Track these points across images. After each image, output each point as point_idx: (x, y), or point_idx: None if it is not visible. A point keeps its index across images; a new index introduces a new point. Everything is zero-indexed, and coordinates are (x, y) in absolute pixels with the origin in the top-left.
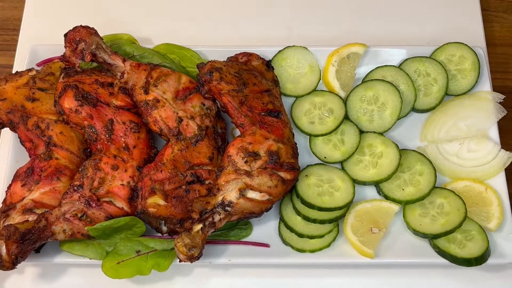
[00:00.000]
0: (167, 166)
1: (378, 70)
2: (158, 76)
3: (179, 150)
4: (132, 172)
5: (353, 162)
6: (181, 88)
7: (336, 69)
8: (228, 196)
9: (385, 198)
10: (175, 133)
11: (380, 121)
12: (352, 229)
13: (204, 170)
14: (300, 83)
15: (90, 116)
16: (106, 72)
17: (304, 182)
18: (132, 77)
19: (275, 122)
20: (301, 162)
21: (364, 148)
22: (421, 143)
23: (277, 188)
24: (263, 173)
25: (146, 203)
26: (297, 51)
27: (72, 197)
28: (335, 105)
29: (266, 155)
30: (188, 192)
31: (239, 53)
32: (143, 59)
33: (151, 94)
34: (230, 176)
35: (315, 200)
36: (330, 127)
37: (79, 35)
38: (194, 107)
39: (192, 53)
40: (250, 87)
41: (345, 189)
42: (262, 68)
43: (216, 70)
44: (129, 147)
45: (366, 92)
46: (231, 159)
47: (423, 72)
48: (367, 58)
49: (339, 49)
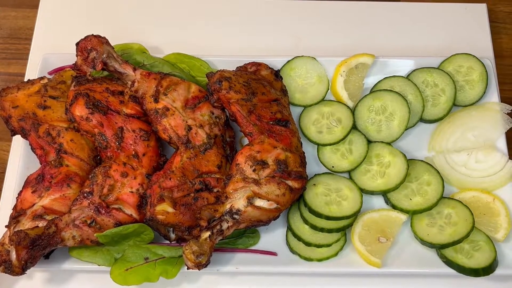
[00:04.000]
0: (176, 174)
1: (386, 80)
2: (168, 85)
3: (188, 158)
4: (141, 180)
5: (361, 171)
6: (190, 97)
7: (344, 79)
8: (236, 204)
9: (392, 207)
10: (184, 141)
11: (388, 131)
12: (359, 239)
13: (212, 178)
14: (308, 93)
15: (101, 124)
16: (116, 80)
17: (312, 191)
18: (142, 86)
19: (283, 131)
20: (309, 171)
21: (372, 158)
22: (428, 153)
23: (285, 196)
24: (271, 182)
25: (155, 210)
26: (305, 61)
27: (81, 203)
28: (343, 115)
29: (274, 163)
30: (196, 200)
31: (248, 63)
32: (153, 68)
33: (161, 102)
34: (238, 184)
35: (322, 209)
36: (338, 137)
37: (90, 44)
38: (203, 115)
39: (202, 62)
40: (259, 97)
41: (352, 199)
42: (270, 77)
43: (225, 79)
44: (138, 154)
45: (374, 102)
46: (239, 167)
47: (431, 83)
48: (375, 68)
49: (347, 60)
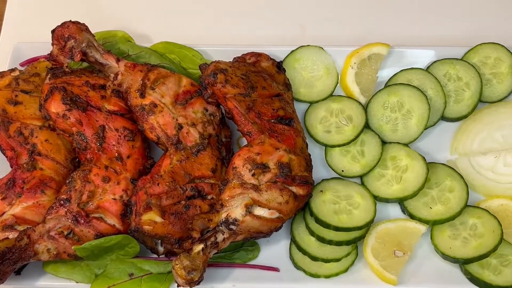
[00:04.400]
0: (165, 179)
1: (403, 73)
2: (156, 78)
3: (178, 161)
4: (126, 185)
5: (375, 176)
6: (181, 91)
7: (355, 72)
8: (233, 213)
9: (410, 217)
10: (174, 142)
11: (405, 130)
12: (372, 252)
13: (206, 184)
14: (315, 87)
15: (79, 122)
16: (97, 73)
17: (318, 198)
18: (126, 79)
19: (287, 131)
20: (315, 176)
21: (387, 161)
22: (451, 155)
23: (288, 204)
24: (273, 188)
25: (141, 220)
26: (312, 52)
27: (58, 212)
28: (354, 112)
29: (276, 167)
30: (188, 208)
31: (246, 53)
32: (139, 59)
33: (148, 98)
34: (236, 191)
35: (331, 218)
36: (349, 137)
37: (68, 31)
38: (195, 112)
39: (194, 52)
40: (259, 91)
41: (365, 207)
42: (272, 70)
43: (220, 71)
44: (122, 157)
45: (390, 97)
46: (236, 171)
47: (453, 76)
48: (390, 59)
49: (359, 50)
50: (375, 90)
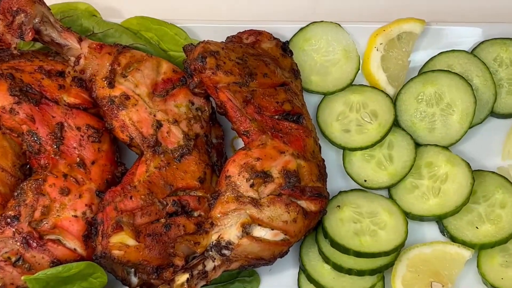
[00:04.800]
0: (140, 191)
1: (442, 57)
2: (128, 62)
3: (157, 167)
4: (90, 199)
5: (406, 188)
6: (160, 79)
7: (382, 55)
8: (226, 235)
9: (451, 240)
10: (151, 144)
11: (444, 129)
12: (403, 284)
13: (191, 197)
14: (330, 75)
15: (31, 118)
16: (54, 56)
17: (335, 215)
18: (91, 64)
19: (294, 130)
20: (330, 187)
21: (422, 168)
22: (503, 161)
23: (296, 223)
24: (277, 202)
25: (109, 243)
26: (326, 29)
27: (3, 233)
28: (380, 106)
29: (281, 176)
30: (168, 228)
31: (243, 31)
32: (107, 38)
33: (118, 87)
34: (229, 206)
35: (350, 241)
36: (373, 138)
37: (16, 3)
38: (178, 107)
39: (177, 30)
40: (259, 80)
41: (393, 227)
42: (276, 52)
43: (210, 54)
44: (85, 162)
45: (425, 88)
46: (230, 181)
47: (506, 61)
48: (426, 39)
49: (386, 27)
50: (406, 79)
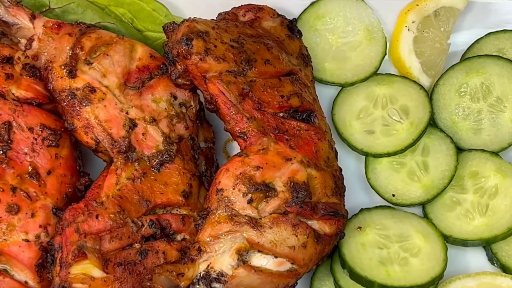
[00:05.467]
0: (108, 208)
1: (491, 38)
2: (94, 46)
3: (130, 179)
4: (45, 218)
5: (445, 204)
6: (134, 67)
7: (415, 36)
8: (218, 264)
9: (502, 270)
10: (122, 149)
11: (493, 130)
12: None
13: (174, 216)
14: (349, 61)
15: None
16: (0, 38)
17: (355, 239)
18: (46, 48)
19: (304, 131)
20: (349, 203)
21: (465, 180)
22: None
23: (306, 249)
24: (281, 223)
25: (70, 275)
26: (344, 4)
27: None
28: (412, 101)
29: (287, 189)
30: (144, 256)
31: (239, 6)
32: (67, 15)
33: (81, 77)
34: (222, 227)
35: (375, 272)
36: (404, 141)
37: None
38: (157, 102)
39: (156, 5)
40: (259, 67)
41: (429, 253)
42: (281, 33)
43: (198, 35)
44: (39, 172)
45: (469, 78)
46: (223, 196)
47: None
48: (469, 17)
49: (419, 1)
50: (445, 67)
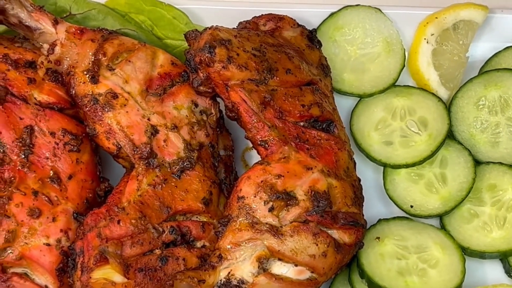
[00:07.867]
0: (129, 214)
1: (509, 52)
2: (116, 52)
3: (151, 185)
4: (66, 223)
5: (463, 216)
6: (156, 74)
7: (433, 49)
8: (239, 271)
9: None
10: (144, 155)
11: (511, 143)
12: None
13: (194, 223)
14: (367, 72)
15: None
16: (22, 42)
17: (373, 250)
18: (69, 53)
19: (324, 140)
20: (368, 214)
21: (483, 192)
22: None
23: (326, 258)
24: (302, 232)
25: (91, 279)
26: (363, 15)
27: None
28: (430, 113)
29: (308, 198)
30: (165, 262)
31: (260, 16)
32: (88, 21)
33: (103, 83)
34: (243, 235)
35: (393, 283)
36: (422, 153)
37: None
38: (178, 109)
39: (176, 12)
40: (281, 76)
41: (447, 265)
42: (301, 43)
43: (221, 44)
44: (60, 177)
45: (488, 91)
46: (244, 203)
47: None
48: (488, 30)
49: (439, 14)
50: (463, 80)
